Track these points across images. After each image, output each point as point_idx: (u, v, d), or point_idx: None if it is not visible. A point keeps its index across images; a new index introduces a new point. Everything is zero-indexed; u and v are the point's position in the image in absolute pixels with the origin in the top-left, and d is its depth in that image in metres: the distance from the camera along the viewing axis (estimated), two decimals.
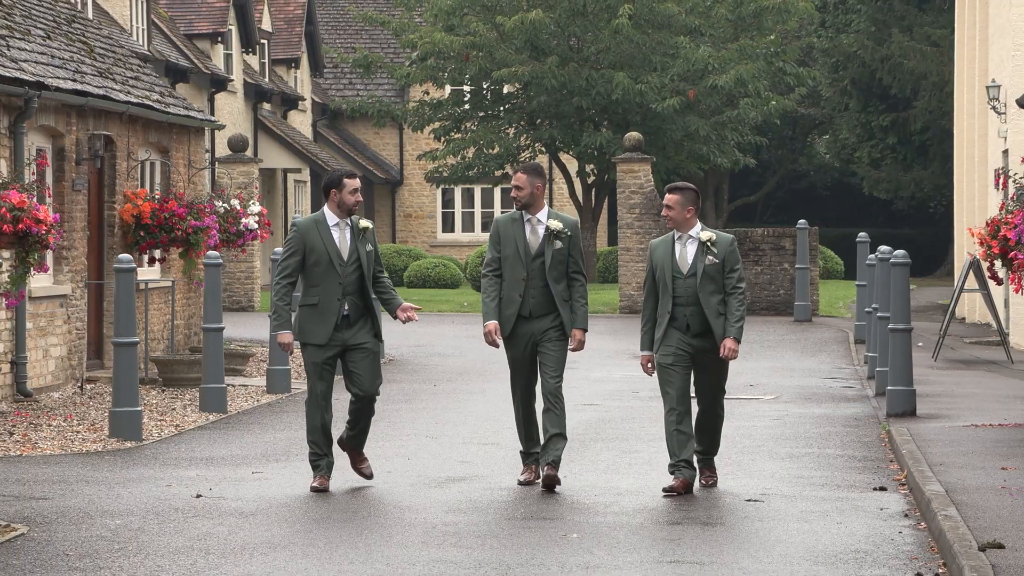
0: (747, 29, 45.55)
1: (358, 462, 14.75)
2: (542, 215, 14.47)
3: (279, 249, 28.38)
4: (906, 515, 13.67)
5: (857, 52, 54.75)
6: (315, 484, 14.42)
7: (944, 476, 14.93)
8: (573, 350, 14.43)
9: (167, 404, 21.78)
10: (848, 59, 55.41)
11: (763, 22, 45.52)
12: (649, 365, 14.29)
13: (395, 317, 14.59)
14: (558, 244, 14.38)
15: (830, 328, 34.76)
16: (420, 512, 13.50)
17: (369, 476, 14.72)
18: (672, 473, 14.25)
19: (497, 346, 14.43)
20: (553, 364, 14.43)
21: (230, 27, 46.20)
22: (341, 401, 14.86)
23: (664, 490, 14.14)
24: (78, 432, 18.70)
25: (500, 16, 43.79)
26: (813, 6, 47.39)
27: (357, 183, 14.65)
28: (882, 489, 14.92)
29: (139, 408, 18.55)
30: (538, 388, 14.60)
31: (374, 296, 14.54)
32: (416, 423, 19.53)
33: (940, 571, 11.48)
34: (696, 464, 14.40)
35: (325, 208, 14.57)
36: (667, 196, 14.35)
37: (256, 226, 29.07)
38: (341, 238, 14.35)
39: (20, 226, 19.58)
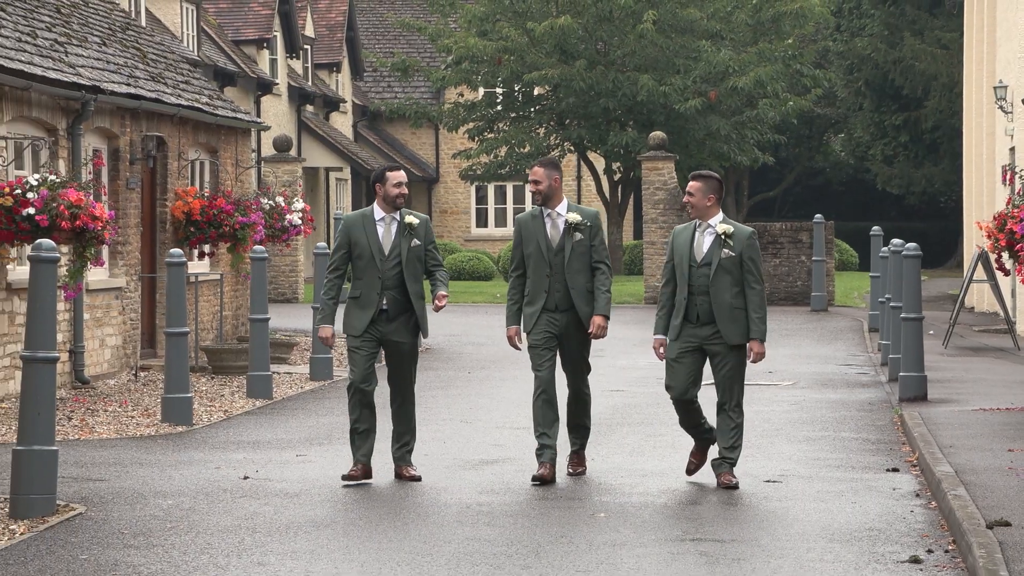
0: (766, 33, 45.47)
1: (400, 472, 14.15)
2: (561, 208, 13.92)
3: (322, 244, 28.45)
4: (917, 495, 13.66)
5: (871, 55, 54.64)
6: (351, 472, 13.98)
7: (953, 458, 14.91)
8: (594, 336, 13.87)
9: (216, 391, 21.83)
10: (862, 61, 55.30)
11: (781, 26, 45.44)
12: (661, 349, 13.76)
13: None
14: (578, 236, 13.83)
15: (845, 317, 34.70)
16: (455, 493, 13.52)
17: (416, 479, 14.06)
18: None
19: (519, 349, 14.14)
20: (575, 364, 14.06)
21: (275, 33, 46.25)
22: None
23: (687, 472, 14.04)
24: (132, 417, 18.75)
25: (531, 22, 43.77)
26: (828, 11, 47.27)
27: (401, 176, 14.09)
28: (895, 470, 14.89)
29: (190, 394, 18.61)
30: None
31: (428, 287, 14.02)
32: (451, 408, 19.54)
33: (950, 548, 11.47)
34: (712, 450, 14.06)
35: (375, 203, 14.12)
36: (690, 183, 13.77)
37: (300, 222, 29.09)
38: (385, 233, 13.85)
39: (78, 223, 19.64)
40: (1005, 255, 18.92)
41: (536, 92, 46.09)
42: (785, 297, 37.99)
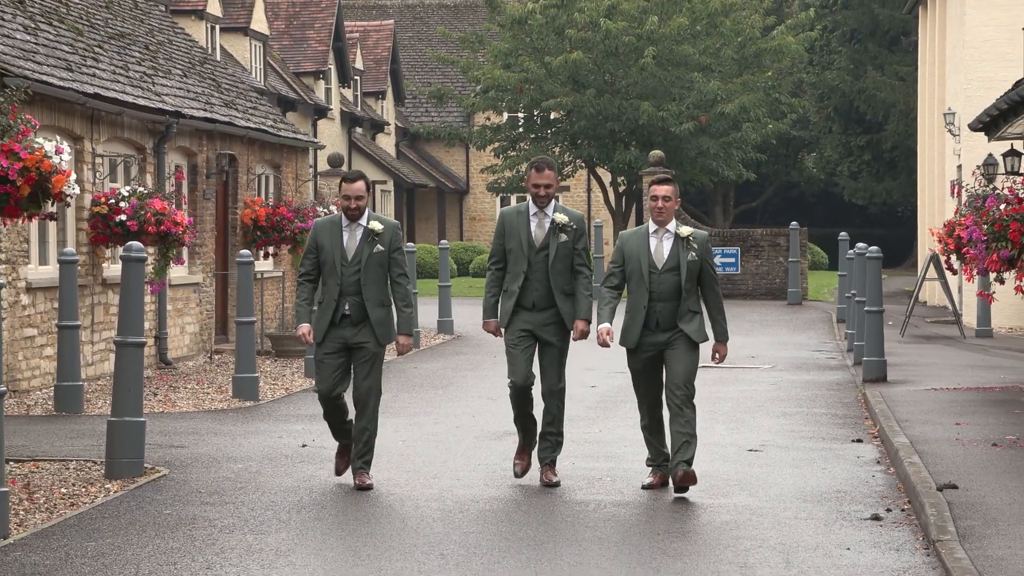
0: (749, 67, 45.36)
1: (357, 476, 12.09)
2: (549, 208, 12.06)
3: None
4: (878, 462, 13.65)
5: (838, 85, 54.56)
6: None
7: (909, 430, 14.91)
8: (575, 339, 11.94)
9: (278, 371, 21.87)
10: (831, 91, 55.20)
11: (762, 61, 45.33)
12: (608, 337, 11.52)
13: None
14: (563, 237, 11.92)
15: (817, 310, 34.66)
16: (483, 459, 13.53)
17: (366, 488, 11.97)
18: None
19: (500, 336, 12.16)
20: (552, 365, 12.02)
21: (330, 66, 46.25)
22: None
23: (643, 487, 11.91)
24: (208, 393, 18.80)
25: (548, 56, 43.69)
26: (802, 48, 47.11)
27: (358, 188, 11.97)
28: (859, 441, 14.89)
29: (256, 374, 18.67)
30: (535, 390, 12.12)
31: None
32: (479, 387, 19.56)
33: (905, 507, 11.47)
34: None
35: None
36: (661, 187, 11.59)
37: None
38: (350, 238, 11.91)
39: (162, 227, 19.73)
40: (953, 257, 18.88)
41: (552, 116, 45.98)
42: (765, 293, 38.03)
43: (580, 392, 17.78)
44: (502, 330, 12.03)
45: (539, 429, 12.08)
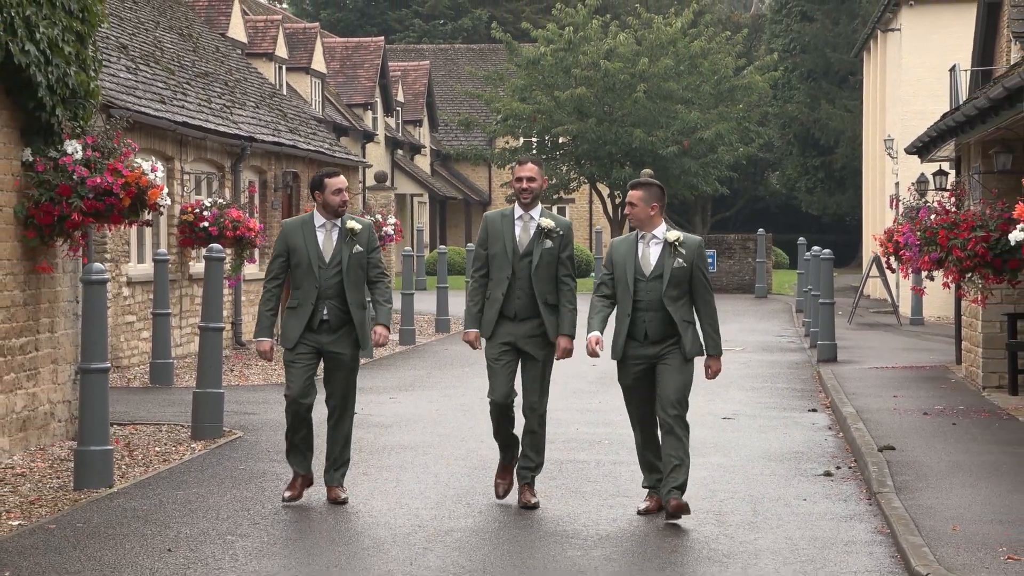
0: (723, 100, 45.26)
1: (331, 491, 9.71)
2: (535, 212, 9.55)
3: (407, 248, 28.43)
4: (829, 428, 13.65)
5: (797, 116, 54.39)
6: (285, 493, 9.66)
7: (855, 402, 14.90)
8: (558, 358, 9.44)
9: None
10: (791, 121, 55.02)
11: (734, 95, 45.25)
12: (597, 346, 9.01)
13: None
14: (548, 243, 9.46)
15: (779, 302, 34.60)
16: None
17: (340, 502, 9.63)
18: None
19: (478, 348, 9.69)
20: (534, 380, 9.44)
21: (376, 99, 46.23)
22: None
23: (639, 512, 9.38)
24: (275, 369, 18.81)
25: (557, 91, 43.64)
26: (768, 85, 47.06)
27: (341, 182, 9.65)
28: (814, 411, 14.89)
29: None
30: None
31: (369, 300, 9.77)
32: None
33: (852, 465, 11.47)
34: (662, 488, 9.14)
35: (314, 209, 9.75)
36: (630, 192, 9.25)
37: (392, 232, 29.16)
38: (326, 239, 9.56)
39: (237, 232, 19.76)
40: (892, 258, 18.83)
41: (560, 141, 45.90)
42: (737, 288, 38.00)
43: (582, 369, 17.75)
44: (482, 341, 9.57)
45: (519, 449, 9.61)
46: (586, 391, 16.20)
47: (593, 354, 8.99)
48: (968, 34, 24.90)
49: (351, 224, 9.56)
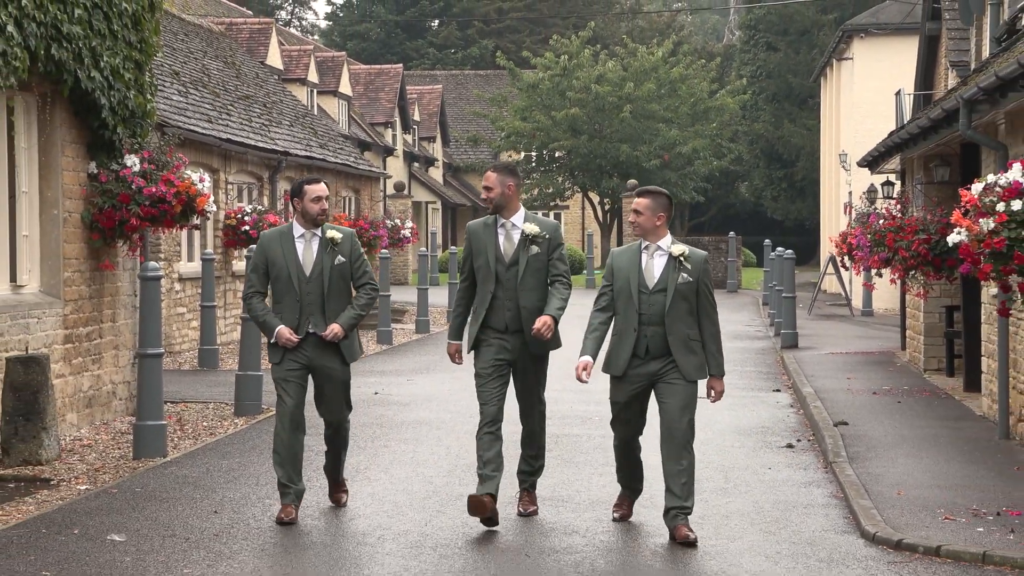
0: (699, 120, 45.23)
1: (334, 491, 8.44)
2: (517, 219, 7.85)
3: (423, 249, 28.38)
4: (791, 406, 13.64)
5: (764, 134, 54.33)
6: (280, 515, 7.87)
7: (814, 383, 14.90)
8: (536, 329, 7.68)
9: None
10: (758, 138, 54.95)
11: (708, 115, 45.25)
12: (585, 373, 7.51)
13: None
14: (535, 249, 7.79)
15: (748, 296, 34.57)
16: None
17: (341, 505, 8.38)
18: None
19: (460, 363, 8.09)
20: (531, 389, 8.00)
21: (395, 118, 46.19)
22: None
23: (614, 519, 8.04)
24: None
25: (553, 111, 43.67)
26: (738, 106, 47.05)
27: (321, 189, 7.98)
28: (777, 391, 14.88)
29: None
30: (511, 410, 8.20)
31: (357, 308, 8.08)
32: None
33: (811, 438, 11.46)
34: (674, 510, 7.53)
35: (293, 219, 8.12)
36: (636, 199, 7.65)
37: (409, 235, 29.17)
38: (306, 250, 7.93)
39: None
40: (846, 258, 18.83)
41: (556, 155, 45.92)
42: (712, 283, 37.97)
43: (573, 356, 17.71)
44: (465, 353, 8.04)
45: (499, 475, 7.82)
46: None
47: (580, 380, 7.47)
48: (911, 63, 24.91)
49: (331, 233, 7.97)
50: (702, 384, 7.74)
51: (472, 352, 7.92)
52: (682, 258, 7.52)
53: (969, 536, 7.57)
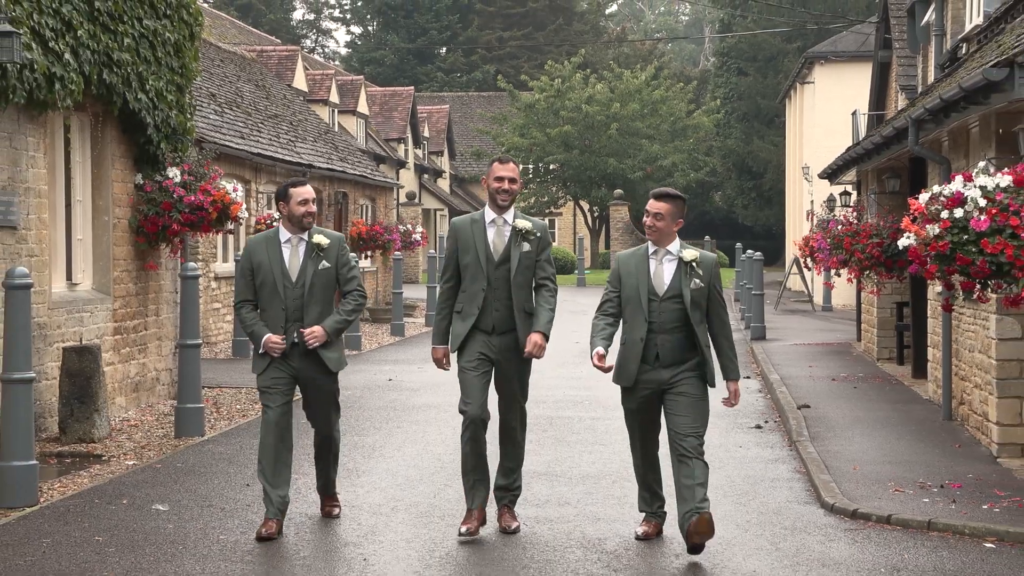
0: (678, 136, 45.31)
1: (326, 504, 7.32)
2: (509, 216, 6.79)
3: (432, 251, 28.38)
4: (760, 391, 13.66)
5: (735, 149, 54.31)
6: (260, 530, 6.73)
7: (780, 371, 14.91)
8: (528, 352, 6.67)
9: (373, 331, 21.91)
10: (731, 152, 54.90)
11: (686, 132, 45.35)
12: (602, 362, 6.40)
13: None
14: (526, 246, 6.72)
15: None
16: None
17: (333, 518, 7.24)
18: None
19: (447, 370, 6.99)
20: (513, 392, 6.84)
21: (407, 135, 46.16)
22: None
23: (637, 537, 6.82)
24: None
25: (548, 128, 43.74)
26: (712, 125, 47.11)
27: (307, 192, 6.93)
28: (748, 378, 14.88)
29: (359, 333, 18.68)
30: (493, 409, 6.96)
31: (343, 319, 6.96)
32: None
33: (777, 420, 11.47)
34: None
35: (279, 224, 7.04)
36: (656, 203, 6.60)
37: (419, 239, 29.18)
38: (292, 256, 6.89)
39: None
40: (809, 259, 18.86)
41: (551, 167, 45.96)
42: None
43: (565, 346, 17.73)
44: (451, 357, 6.88)
45: (487, 490, 6.89)
46: (570, 362, 16.20)
47: (599, 369, 6.40)
48: (866, 86, 24.93)
49: (318, 239, 6.93)
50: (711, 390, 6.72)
51: (457, 352, 6.78)
52: (694, 263, 6.50)
53: (916, 506, 7.60)
